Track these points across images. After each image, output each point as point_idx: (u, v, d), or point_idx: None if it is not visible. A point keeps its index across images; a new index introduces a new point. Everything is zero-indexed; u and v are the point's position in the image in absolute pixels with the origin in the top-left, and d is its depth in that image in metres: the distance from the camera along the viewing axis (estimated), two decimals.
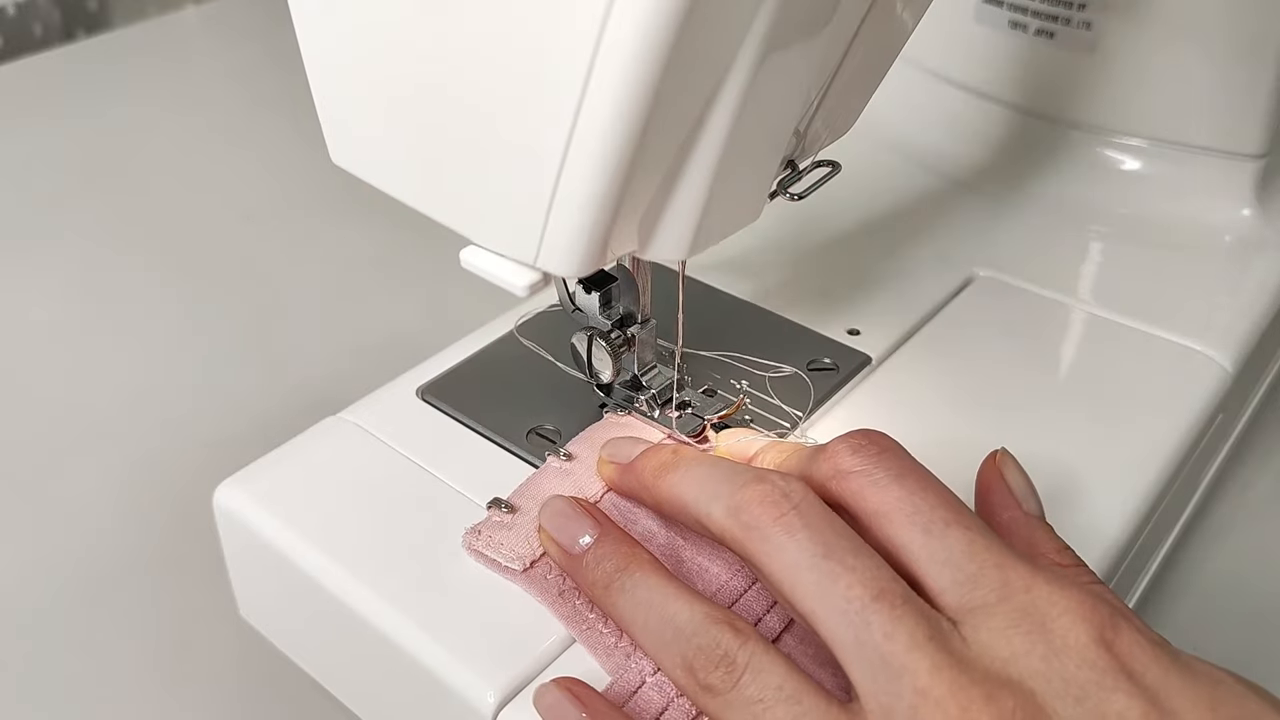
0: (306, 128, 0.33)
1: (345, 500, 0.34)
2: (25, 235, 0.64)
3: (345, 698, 0.35)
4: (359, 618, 0.31)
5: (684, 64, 0.23)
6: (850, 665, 0.25)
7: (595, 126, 0.24)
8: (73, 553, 0.44)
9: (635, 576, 0.29)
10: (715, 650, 0.26)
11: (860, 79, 0.32)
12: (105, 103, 0.79)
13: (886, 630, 0.24)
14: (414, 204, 0.30)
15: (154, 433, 0.50)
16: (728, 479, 0.28)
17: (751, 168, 0.29)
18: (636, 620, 0.28)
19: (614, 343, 0.35)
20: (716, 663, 0.26)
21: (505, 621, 0.30)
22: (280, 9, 0.29)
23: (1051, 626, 0.24)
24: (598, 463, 0.34)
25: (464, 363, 0.39)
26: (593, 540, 0.30)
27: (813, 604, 0.25)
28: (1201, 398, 0.39)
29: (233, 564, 0.37)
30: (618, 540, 0.30)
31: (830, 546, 0.26)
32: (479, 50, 0.25)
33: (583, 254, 0.27)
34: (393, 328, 0.55)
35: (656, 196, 0.27)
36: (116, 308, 0.58)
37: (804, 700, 0.25)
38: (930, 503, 0.27)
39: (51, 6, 1.02)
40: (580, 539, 0.30)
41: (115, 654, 0.40)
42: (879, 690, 0.24)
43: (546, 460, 0.34)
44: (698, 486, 0.29)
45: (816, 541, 0.26)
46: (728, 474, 0.29)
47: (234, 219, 0.66)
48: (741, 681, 0.26)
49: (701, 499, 0.29)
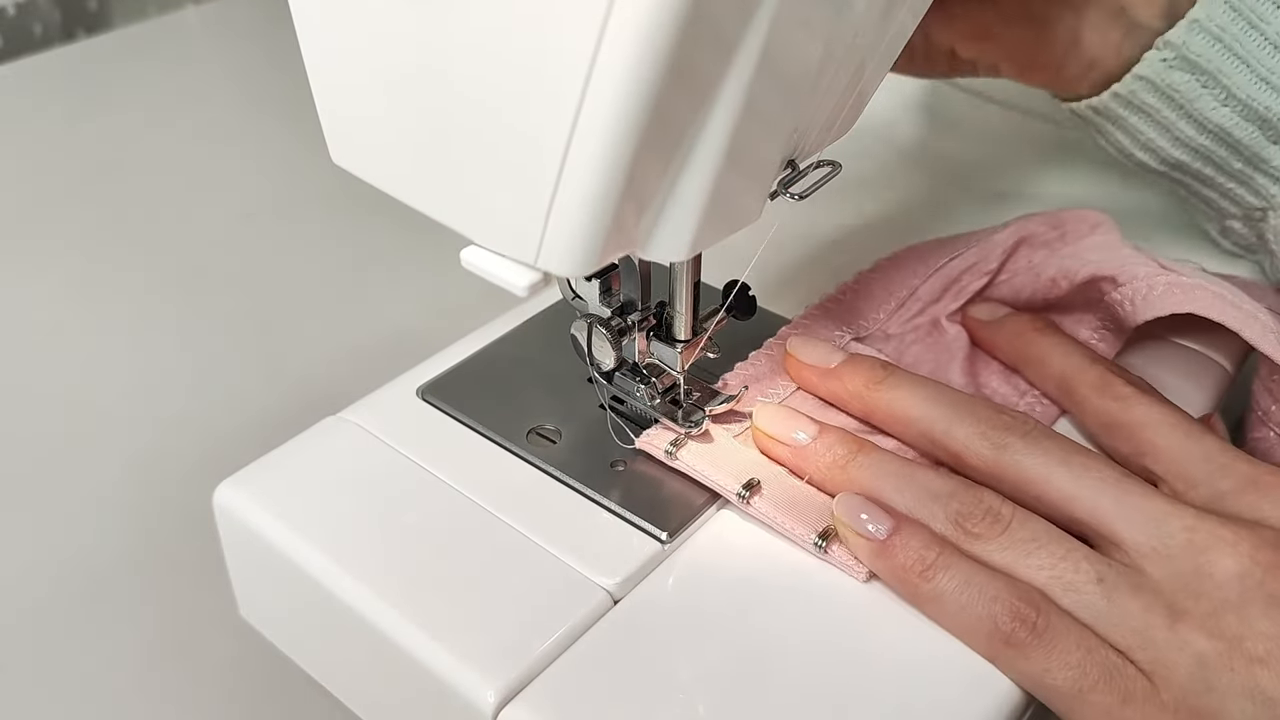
0: (306, 128, 0.33)
1: (345, 500, 0.34)
2: (25, 235, 0.64)
3: (345, 698, 0.35)
4: (359, 617, 0.31)
5: (685, 63, 0.23)
6: (1117, 526, 0.30)
7: (596, 127, 0.24)
8: (72, 552, 0.44)
9: (873, 455, 0.33)
10: (980, 504, 0.31)
11: (862, 78, 0.32)
12: (105, 103, 0.79)
13: (1144, 491, 0.30)
14: (414, 204, 0.30)
15: (154, 432, 0.50)
16: (961, 399, 0.33)
17: (752, 167, 0.29)
18: (885, 486, 0.32)
19: (614, 330, 0.34)
20: (983, 514, 0.31)
21: (505, 621, 0.30)
22: (280, 9, 0.29)
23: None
24: (787, 362, 0.37)
25: (464, 363, 0.39)
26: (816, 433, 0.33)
27: (1073, 488, 0.30)
28: (1200, 399, 0.39)
29: (233, 564, 0.37)
30: (842, 433, 0.34)
31: (1073, 451, 0.31)
32: (480, 50, 0.25)
33: (583, 254, 0.27)
34: (393, 328, 0.55)
35: (657, 196, 0.27)
36: (116, 307, 0.58)
37: (1066, 542, 0.30)
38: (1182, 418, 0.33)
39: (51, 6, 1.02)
40: (797, 435, 0.34)
41: (115, 654, 0.40)
42: (1149, 539, 0.29)
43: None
44: (928, 404, 0.33)
45: (1064, 448, 0.31)
46: (956, 395, 0.34)
47: (234, 219, 0.66)
48: (1011, 527, 0.30)
49: (937, 417, 0.33)
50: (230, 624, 0.38)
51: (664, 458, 0.34)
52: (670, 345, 0.35)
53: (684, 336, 0.35)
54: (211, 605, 0.40)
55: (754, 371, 0.38)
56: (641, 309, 0.35)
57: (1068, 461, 0.31)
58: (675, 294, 0.34)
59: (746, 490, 0.33)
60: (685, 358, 0.35)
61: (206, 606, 0.40)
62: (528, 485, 0.34)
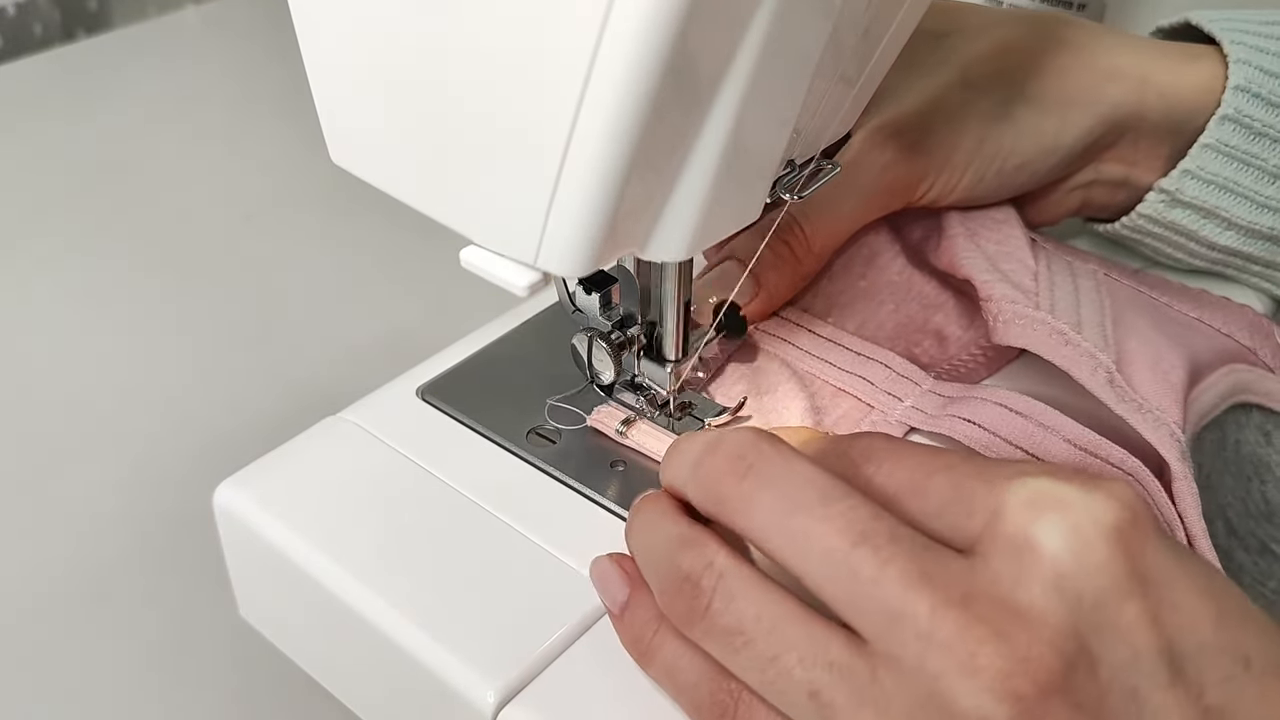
0: (306, 128, 0.33)
1: (345, 500, 0.34)
2: (25, 235, 0.64)
3: (345, 698, 0.35)
4: (359, 617, 0.31)
5: (684, 64, 0.23)
6: (847, 615, 0.23)
7: (595, 126, 0.24)
8: (73, 552, 0.44)
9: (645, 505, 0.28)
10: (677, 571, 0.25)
11: (862, 78, 0.32)
12: (105, 103, 0.79)
13: (874, 575, 0.22)
14: (414, 204, 0.30)
15: (154, 433, 0.50)
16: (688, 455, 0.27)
17: (752, 167, 0.29)
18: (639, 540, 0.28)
19: (614, 344, 0.35)
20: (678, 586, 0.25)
21: (505, 621, 0.30)
22: (280, 9, 0.29)
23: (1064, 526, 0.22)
24: None
25: (464, 363, 0.39)
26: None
27: (795, 562, 0.24)
28: None
29: (233, 564, 0.37)
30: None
31: (796, 502, 0.24)
32: (479, 49, 0.25)
33: (583, 254, 0.27)
34: (393, 328, 0.55)
35: (657, 196, 0.27)
36: (116, 307, 0.58)
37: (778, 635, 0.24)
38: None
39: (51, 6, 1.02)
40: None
41: (115, 654, 0.40)
42: (881, 639, 0.22)
43: None
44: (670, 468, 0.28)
45: (782, 499, 0.24)
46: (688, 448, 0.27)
47: (234, 219, 0.66)
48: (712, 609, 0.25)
49: (676, 483, 0.27)
50: (230, 624, 0.38)
51: (615, 436, 0.35)
52: (660, 365, 0.35)
53: (673, 356, 0.35)
54: (211, 605, 0.40)
55: None
56: (641, 323, 0.35)
57: (788, 516, 0.24)
58: (664, 313, 0.34)
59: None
60: (675, 375, 0.35)
61: (206, 606, 0.40)
62: (528, 485, 0.34)
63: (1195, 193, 0.41)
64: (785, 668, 0.23)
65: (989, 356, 0.38)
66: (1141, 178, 0.42)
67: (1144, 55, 0.41)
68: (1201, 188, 0.41)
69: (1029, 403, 0.34)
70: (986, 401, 0.34)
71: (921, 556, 0.23)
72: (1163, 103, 0.40)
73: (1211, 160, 0.40)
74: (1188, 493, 0.31)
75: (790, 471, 0.25)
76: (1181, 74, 0.40)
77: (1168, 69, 0.41)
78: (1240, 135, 0.40)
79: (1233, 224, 0.41)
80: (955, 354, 0.39)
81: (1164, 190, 0.41)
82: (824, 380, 0.37)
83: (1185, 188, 0.41)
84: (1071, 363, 0.34)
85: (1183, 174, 0.40)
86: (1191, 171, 0.40)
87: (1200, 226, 0.41)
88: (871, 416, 0.36)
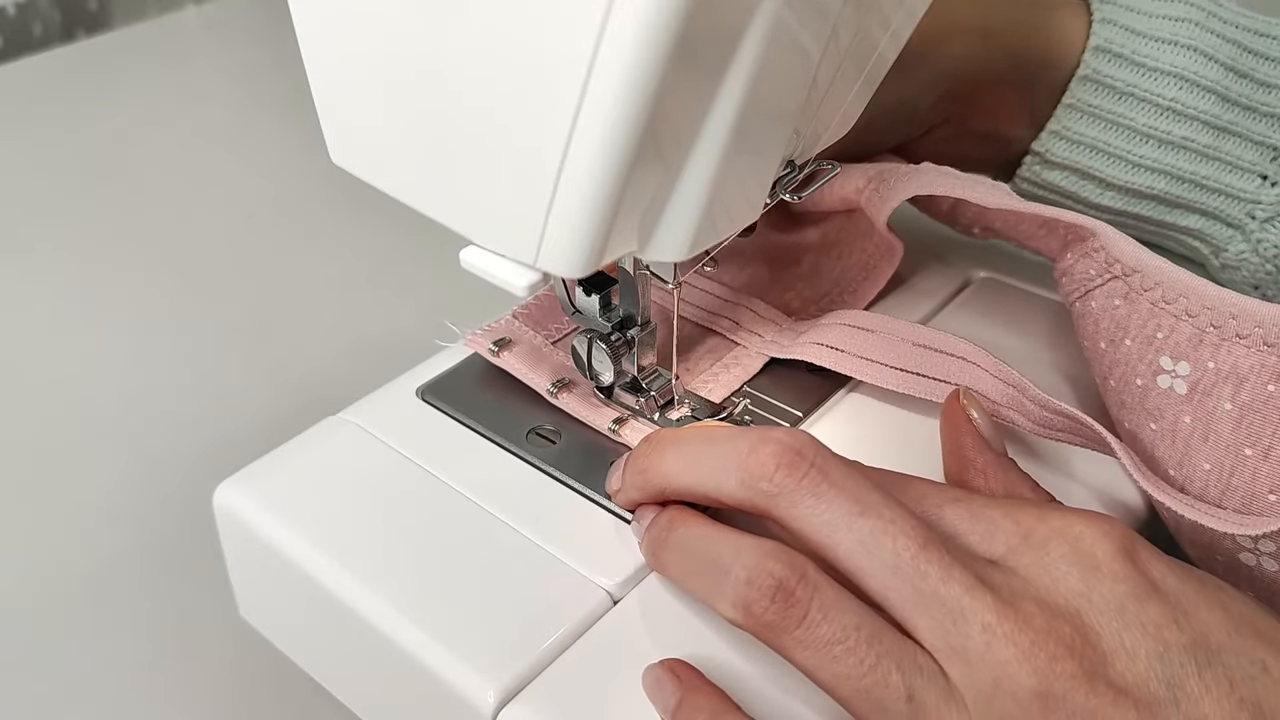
0: (306, 128, 0.33)
1: (345, 500, 0.34)
2: (25, 235, 0.64)
3: (345, 698, 0.35)
4: (359, 617, 0.31)
5: (684, 64, 0.23)
6: (911, 615, 0.25)
7: (595, 126, 0.24)
8: (72, 552, 0.44)
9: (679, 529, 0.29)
10: (769, 577, 0.26)
11: (861, 79, 0.32)
12: (105, 103, 0.79)
13: (942, 576, 0.25)
14: (414, 204, 0.30)
15: (153, 433, 0.50)
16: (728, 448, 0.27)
17: (752, 167, 0.29)
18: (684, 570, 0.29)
19: (614, 345, 0.35)
20: (772, 592, 0.26)
21: (505, 621, 0.30)
22: (280, 9, 0.29)
23: (1078, 548, 0.26)
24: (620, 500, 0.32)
25: (464, 363, 0.39)
26: None
27: (860, 561, 0.25)
28: None
29: (232, 564, 0.37)
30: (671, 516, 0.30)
31: (863, 503, 0.26)
32: (479, 49, 0.25)
33: (583, 254, 0.27)
34: (393, 328, 0.55)
35: (656, 197, 0.27)
36: (116, 308, 0.58)
37: (878, 642, 0.25)
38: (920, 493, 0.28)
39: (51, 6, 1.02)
40: None
41: (114, 654, 0.40)
42: (947, 633, 0.24)
43: None
44: (694, 466, 0.28)
45: (849, 499, 0.26)
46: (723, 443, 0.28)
47: (234, 219, 0.66)
48: (810, 617, 0.25)
49: (706, 478, 0.28)
50: (230, 624, 0.38)
51: (489, 357, 0.38)
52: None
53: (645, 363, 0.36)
54: (211, 605, 0.40)
55: None
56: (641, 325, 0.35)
57: (858, 517, 0.25)
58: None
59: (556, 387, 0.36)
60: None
61: (206, 606, 0.40)
62: (528, 485, 0.34)
63: (1065, 153, 0.41)
64: (884, 674, 0.24)
65: (846, 303, 0.41)
66: (1007, 130, 0.42)
67: (989, 9, 0.40)
68: (1070, 148, 0.41)
69: (871, 317, 0.37)
70: (833, 325, 0.38)
71: (973, 564, 0.25)
72: (1008, 57, 0.40)
73: (1076, 121, 0.40)
74: None
75: (852, 474, 0.26)
76: (1033, 27, 0.40)
77: (1013, 21, 0.40)
78: (1103, 95, 0.39)
79: (1110, 184, 0.41)
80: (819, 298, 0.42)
81: (1035, 152, 0.41)
82: (708, 327, 0.40)
83: (1054, 149, 0.41)
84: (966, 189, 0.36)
85: (1050, 135, 0.41)
86: (1058, 132, 0.40)
87: (1080, 188, 0.41)
88: (735, 351, 0.39)
